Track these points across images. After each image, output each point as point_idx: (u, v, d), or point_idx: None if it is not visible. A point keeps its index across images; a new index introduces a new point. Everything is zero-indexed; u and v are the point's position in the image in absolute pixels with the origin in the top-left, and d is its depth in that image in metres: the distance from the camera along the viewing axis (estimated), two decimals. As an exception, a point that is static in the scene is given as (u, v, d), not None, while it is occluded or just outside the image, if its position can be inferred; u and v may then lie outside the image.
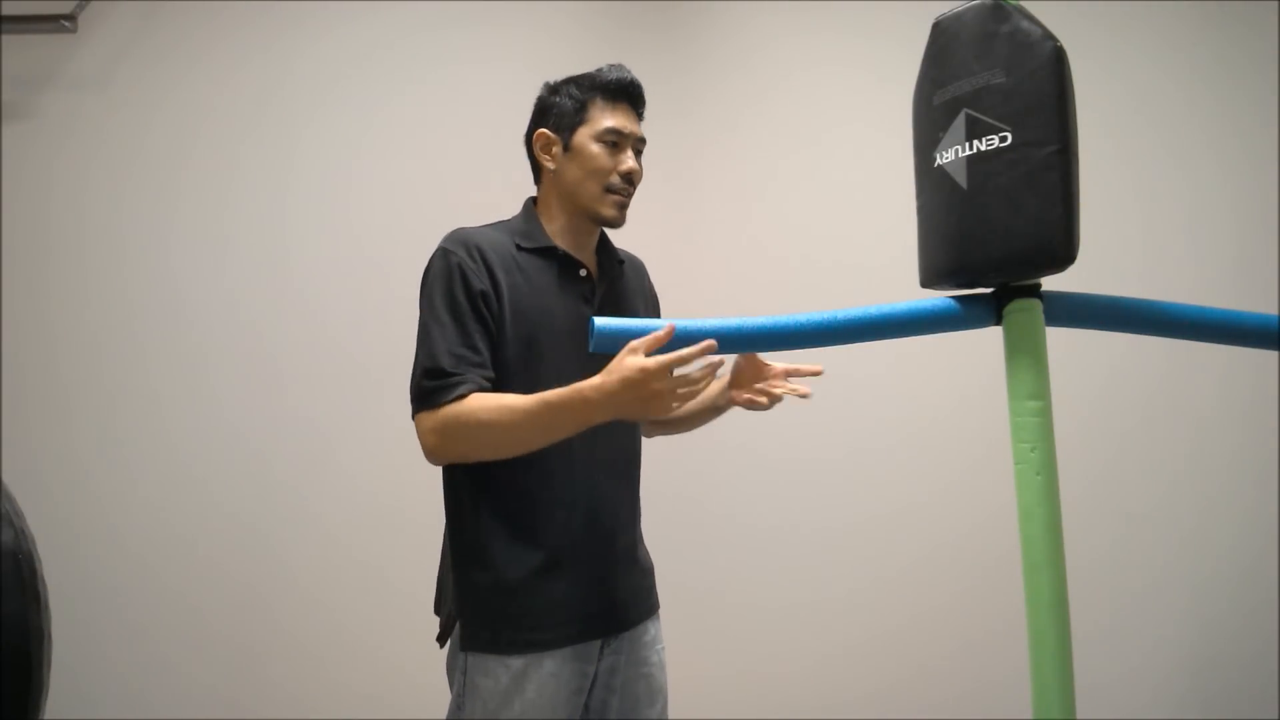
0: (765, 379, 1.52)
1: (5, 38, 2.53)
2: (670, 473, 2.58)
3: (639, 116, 1.49)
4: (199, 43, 2.60)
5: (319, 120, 2.60)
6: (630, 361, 1.17)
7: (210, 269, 2.56)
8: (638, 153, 1.47)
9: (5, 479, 1.42)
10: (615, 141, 1.43)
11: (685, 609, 2.57)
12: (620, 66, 1.47)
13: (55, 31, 2.54)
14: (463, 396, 1.28)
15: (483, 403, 1.28)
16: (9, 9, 2.51)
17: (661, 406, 1.18)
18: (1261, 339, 1.27)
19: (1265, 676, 2.51)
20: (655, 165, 2.61)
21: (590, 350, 1.18)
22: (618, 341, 1.17)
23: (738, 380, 1.54)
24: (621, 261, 1.56)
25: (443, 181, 2.58)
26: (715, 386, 1.60)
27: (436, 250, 1.39)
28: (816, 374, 1.53)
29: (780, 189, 2.64)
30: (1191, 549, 2.56)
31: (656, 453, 2.52)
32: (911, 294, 1.23)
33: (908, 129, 1.26)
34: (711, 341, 1.16)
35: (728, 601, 2.55)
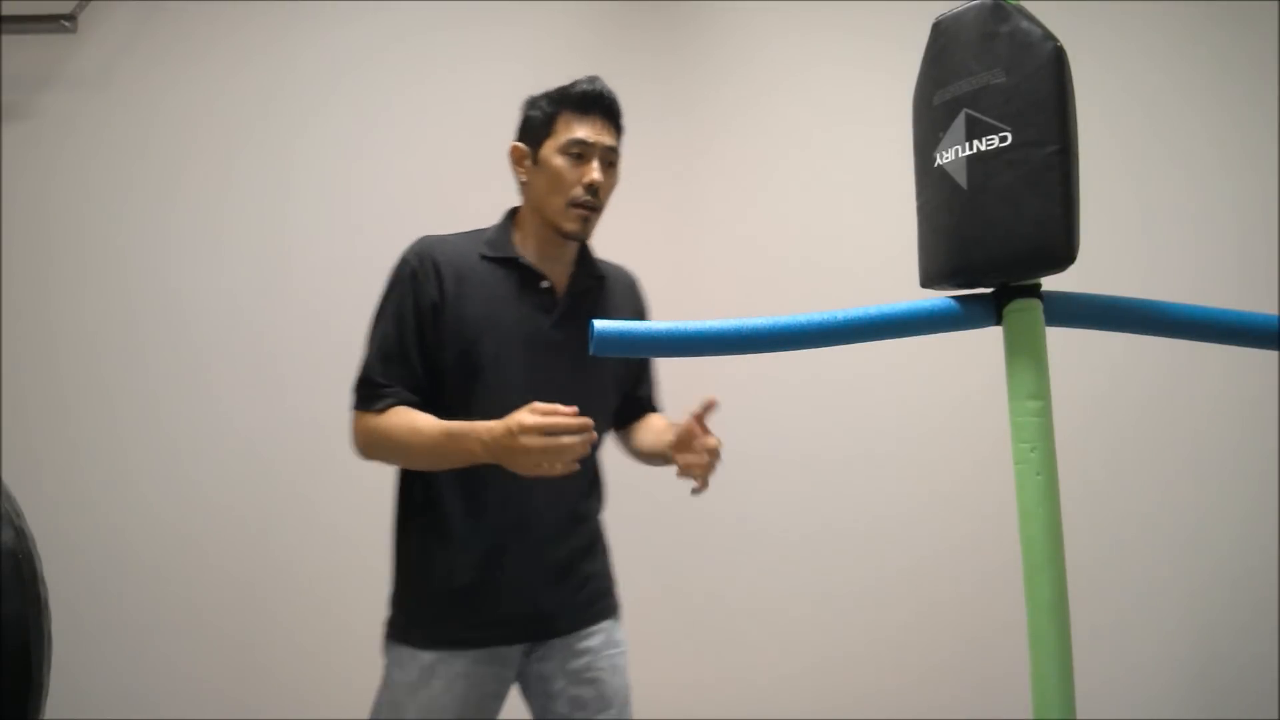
0: (694, 446, 1.41)
1: (5, 38, 2.53)
2: (671, 479, 2.58)
3: (614, 128, 1.47)
4: (199, 43, 2.60)
5: (319, 120, 2.60)
6: (516, 414, 1.22)
7: (210, 268, 2.56)
8: (609, 164, 1.46)
9: (5, 479, 1.42)
10: (580, 153, 1.43)
11: (688, 612, 2.58)
12: (593, 79, 1.46)
13: (55, 31, 2.54)
14: (385, 409, 1.37)
15: (399, 419, 1.36)
16: (9, 9, 2.51)
17: (528, 464, 1.22)
18: (1262, 339, 1.26)
19: (1265, 677, 2.51)
20: (655, 164, 2.63)
21: (590, 353, 1.18)
22: (617, 344, 1.16)
23: (680, 445, 1.44)
24: (602, 277, 1.56)
25: (442, 181, 2.58)
26: (667, 437, 1.50)
27: (399, 256, 1.45)
28: (709, 405, 1.42)
29: (780, 189, 2.64)
30: (1192, 549, 2.56)
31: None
32: (911, 294, 1.23)
33: (907, 129, 1.26)
34: (588, 421, 1.19)
35: (729, 604, 2.54)
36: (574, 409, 1.22)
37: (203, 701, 2.46)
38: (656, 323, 1.20)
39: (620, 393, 1.61)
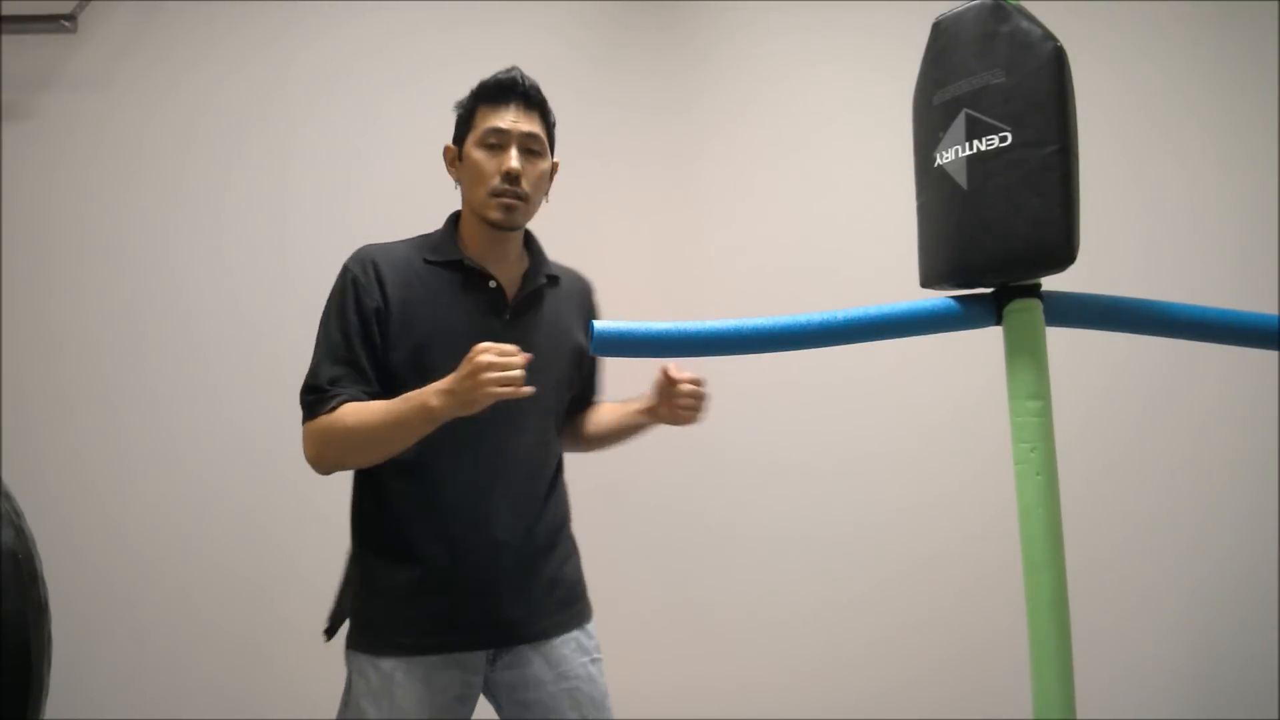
0: (673, 393, 1.48)
1: (5, 38, 2.53)
2: (670, 482, 2.59)
3: (536, 115, 1.46)
4: (199, 43, 2.60)
5: (319, 120, 2.60)
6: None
7: (210, 268, 2.56)
8: (530, 151, 1.44)
9: (5, 479, 1.43)
10: (496, 142, 1.43)
11: (687, 617, 2.58)
12: (510, 68, 1.46)
13: (55, 31, 2.54)
14: (335, 408, 1.35)
15: (350, 410, 1.34)
16: (9, 9, 2.51)
17: (489, 384, 1.21)
18: (1262, 339, 1.27)
19: (1266, 678, 2.50)
20: (655, 163, 2.63)
21: (590, 354, 1.18)
22: (616, 344, 1.16)
23: (656, 398, 1.51)
24: (555, 277, 1.54)
25: (442, 181, 2.57)
26: (633, 406, 1.58)
27: (342, 267, 1.45)
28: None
29: (780, 187, 2.63)
30: (1192, 549, 2.56)
31: (657, 464, 2.52)
32: (911, 294, 1.23)
33: (908, 128, 1.26)
34: (528, 355, 1.23)
35: (729, 609, 2.54)
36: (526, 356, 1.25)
37: (204, 700, 2.46)
38: (656, 323, 1.20)
39: (569, 395, 1.59)
